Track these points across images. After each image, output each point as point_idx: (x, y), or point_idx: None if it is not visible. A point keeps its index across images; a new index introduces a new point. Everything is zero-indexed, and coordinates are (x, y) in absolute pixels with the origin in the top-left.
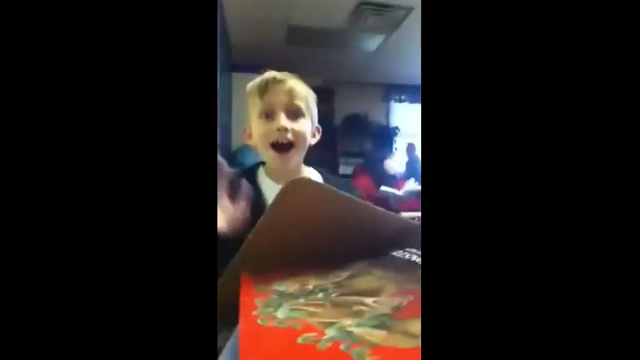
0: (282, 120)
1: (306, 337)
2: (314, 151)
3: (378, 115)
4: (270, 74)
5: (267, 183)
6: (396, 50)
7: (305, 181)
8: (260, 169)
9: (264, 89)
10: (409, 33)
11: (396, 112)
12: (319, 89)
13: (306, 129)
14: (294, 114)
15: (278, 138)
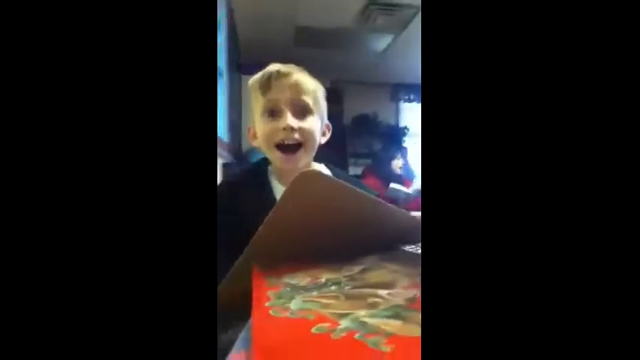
0: (288, 118)
1: (320, 327)
2: (323, 152)
3: (387, 115)
4: (273, 67)
5: (274, 184)
6: (405, 49)
7: (315, 174)
8: (268, 167)
9: (267, 85)
10: (418, 32)
11: (405, 112)
12: (327, 90)
13: (315, 127)
14: (301, 111)
15: (284, 138)
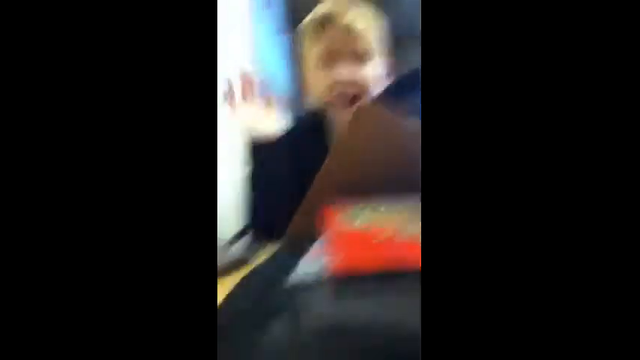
0: (344, 69)
1: (384, 235)
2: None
3: None
4: (324, 8)
5: (332, 132)
6: None
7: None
8: (325, 117)
9: (318, 31)
10: None
11: None
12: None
13: (376, 73)
14: (358, 57)
15: (340, 91)
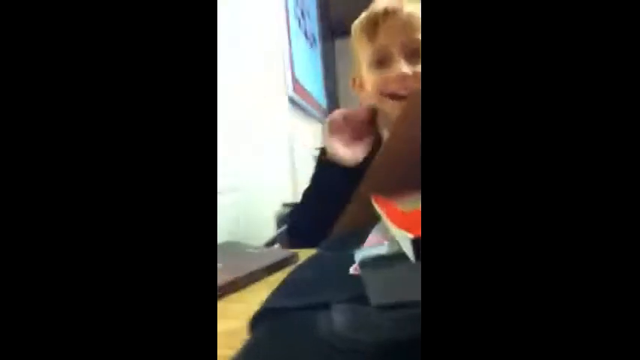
0: (402, 65)
1: None
2: None
3: None
4: (379, 5)
5: (381, 129)
6: None
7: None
8: (375, 117)
9: (373, 28)
10: None
11: None
12: None
13: None
14: (416, 53)
15: (397, 89)
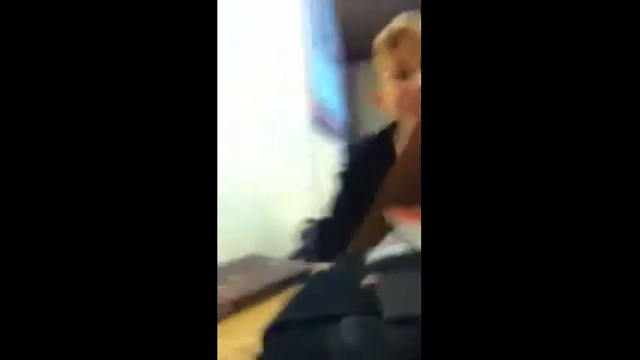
0: (417, 78)
1: None
2: None
3: None
4: (399, 23)
5: (401, 144)
6: None
7: None
8: (394, 130)
9: (393, 44)
10: None
11: None
12: None
13: None
14: None
15: (415, 101)
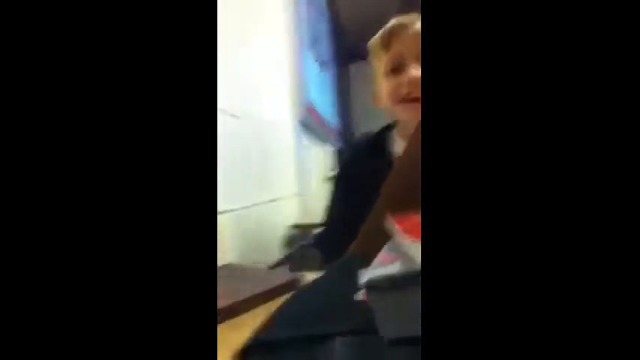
0: (413, 70)
1: None
2: None
3: None
4: (393, 22)
5: (399, 145)
6: None
7: None
8: (391, 132)
9: (387, 40)
10: None
11: None
12: None
13: None
14: None
15: (410, 91)
